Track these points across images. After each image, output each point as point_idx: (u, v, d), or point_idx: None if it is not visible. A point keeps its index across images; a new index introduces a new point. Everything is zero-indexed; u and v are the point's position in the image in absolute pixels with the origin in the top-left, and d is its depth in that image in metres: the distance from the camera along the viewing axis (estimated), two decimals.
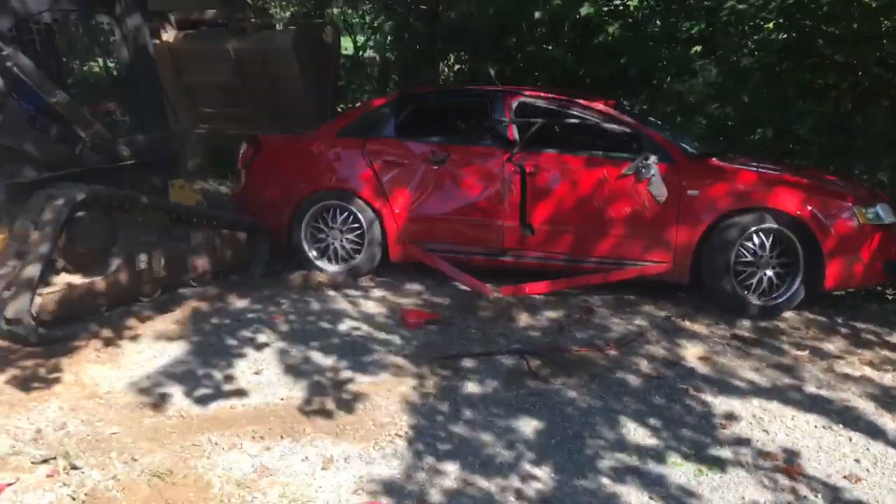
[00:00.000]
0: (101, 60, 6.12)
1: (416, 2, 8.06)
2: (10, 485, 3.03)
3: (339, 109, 9.05)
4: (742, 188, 5.26)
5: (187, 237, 5.54)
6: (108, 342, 4.57)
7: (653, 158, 5.34)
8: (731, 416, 3.94)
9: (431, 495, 3.15)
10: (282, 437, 3.59)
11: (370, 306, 5.40)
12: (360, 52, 11.49)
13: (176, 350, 4.53)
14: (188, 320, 5.00)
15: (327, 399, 3.98)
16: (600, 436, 3.71)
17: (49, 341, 4.43)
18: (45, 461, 3.24)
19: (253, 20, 7.17)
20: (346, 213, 5.99)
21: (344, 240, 6.02)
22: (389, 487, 3.19)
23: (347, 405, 3.92)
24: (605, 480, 3.33)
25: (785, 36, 7.03)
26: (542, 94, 5.89)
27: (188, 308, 5.22)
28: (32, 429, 3.54)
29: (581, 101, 5.75)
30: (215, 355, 4.46)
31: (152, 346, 4.57)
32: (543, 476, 3.35)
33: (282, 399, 3.97)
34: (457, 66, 8.72)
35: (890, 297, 6.28)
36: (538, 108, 5.79)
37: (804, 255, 5.18)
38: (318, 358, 4.48)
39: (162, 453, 3.36)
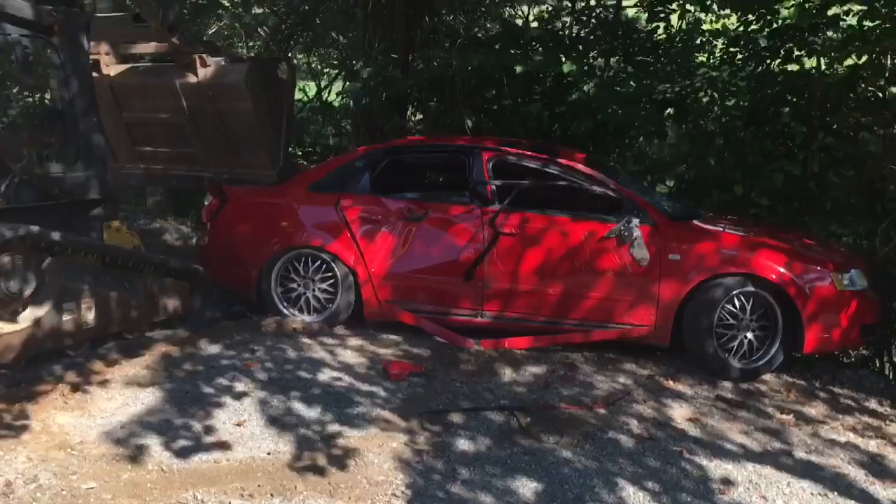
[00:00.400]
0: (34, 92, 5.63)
1: (387, 50, 8.03)
2: None
3: (292, 150, 8.93)
4: (725, 252, 5.30)
5: (123, 284, 5.09)
6: (76, 387, 4.29)
7: (635, 222, 5.34)
8: (727, 481, 3.89)
9: None
10: (272, 495, 3.39)
11: (349, 356, 5.22)
12: (323, 97, 11.45)
13: (149, 397, 4.27)
14: (159, 365, 4.76)
15: (318, 454, 3.79)
16: (601, 499, 3.62)
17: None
18: None
19: (203, 55, 6.74)
20: (318, 262, 5.82)
21: (316, 289, 5.83)
22: None
23: (339, 461, 3.74)
24: None
25: (746, 104, 7.23)
26: (521, 152, 5.83)
27: (157, 352, 4.97)
28: (0, 481, 3.26)
29: (561, 161, 5.74)
30: (192, 404, 4.22)
31: (123, 393, 4.31)
32: None
33: (268, 453, 3.77)
34: (421, 115, 8.72)
35: (855, 361, 6.40)
36: (517, 166, 5.76)
37: (783, 319, 5.23)
38: (302, 409, 4.29)
39: None
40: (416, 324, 5.65)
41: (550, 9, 10.48)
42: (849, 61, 6.97)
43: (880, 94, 6.88)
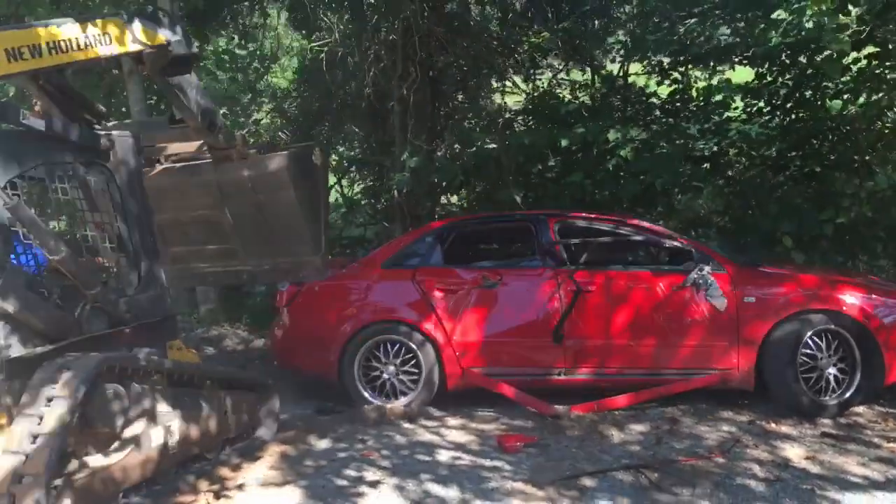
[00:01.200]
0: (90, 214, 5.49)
1: (426, 139, 8.38)
2: None
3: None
4: (801, 291, 5.55)
5: (199, 403, 4.92)
6: (217, 494, 4.36)
7: (707, 269, 5.61)
8: None
9: None
10: None
11: (455, 435, 5.33)
12: (345, 190, 11.76)
13: (291, 495, 4.35)
14: (282, 465, 4.82)
15: None
16: None
17: None
18: None
19: (238, 148, 6.69)
20: (397, 346, 5.96)
21: (400, 373, 5.97)
22: None
23: None
24: None
25: (774, 153, 7.63)
26: (583, 215, 6.17)
27: (274, 452, 5.04)
28: None
29: (625, 219, 6.05)
30: (335, 497, 4.30)
31: (264, 495, 4.38)
32: None
33: None
34: (459, 197, 9.05)
35: None
36: (582, 228, 6.05)
37: (861, 352, 5.45)
38: (439, 490, 4.38)
39: None
40: (501, 391, 5.78)
41: (546, 82, 10.94)
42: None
43: None
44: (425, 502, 4.25)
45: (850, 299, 5.47)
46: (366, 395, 5.94)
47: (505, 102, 10.87)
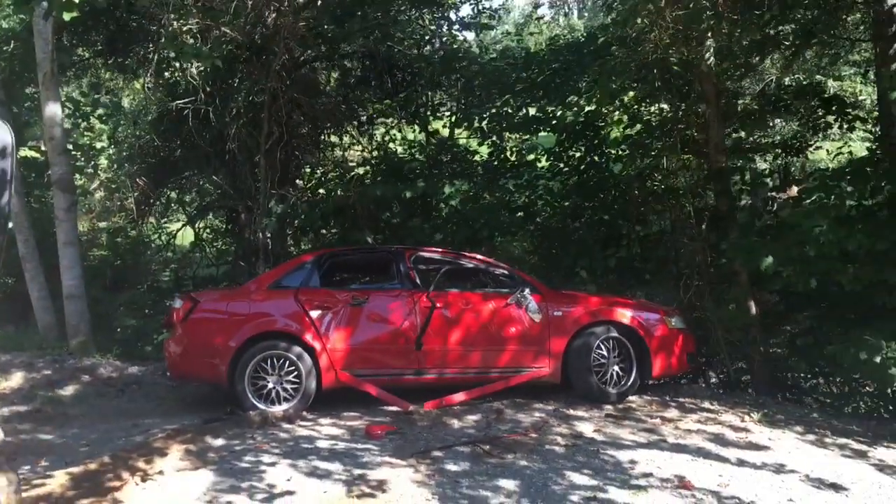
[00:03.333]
0: None
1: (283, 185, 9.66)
2: None
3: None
4: (592, 308, 7.34)
5: None
6: (143, 478, 5.35)
7: (527, 290, 7.29)
8: (633, 461, 5.72)
9: None
10: None
11: (329, 430, 6.56)
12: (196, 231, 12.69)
13: (206, 476, 5.40)
14: (189, 457, 5.85)
15: (361, 487, 5.15)
16: (559, 483, 5.29)
17: None
18: None
19: None
20: (281, 360, 7.12)
21: (283, 382, 7.12)
22: None
23: (378, 487, 5.13)
24: None
25: (568, 204, 9.60)
26: (432, 250, 7.73)
27: (178, 450, 6.01)
28: None
29: (464, 253, 7.66)
30: (243, 474, 5.40)
31: (182, 477, 5.40)
32: None
33: (325, 492, 5.10)
34: (310, 239, 10.36)
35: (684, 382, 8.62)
36: (431, 260, 7.59)
37: (635, 354, 7.29)
38: (325, 465, 5.61)
39: None
40: (366, 389, 7.10)
41: (380, 136, 12.51)
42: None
43: (664, 186, 9.41)
44: (316, 473, 5.47)
45: (624, 314, 7.31)
46: (254, 401, 7.03)
47: (345, 154, 12.32)
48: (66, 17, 6.21)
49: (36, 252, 10.37)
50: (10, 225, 9.98)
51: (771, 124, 11.67)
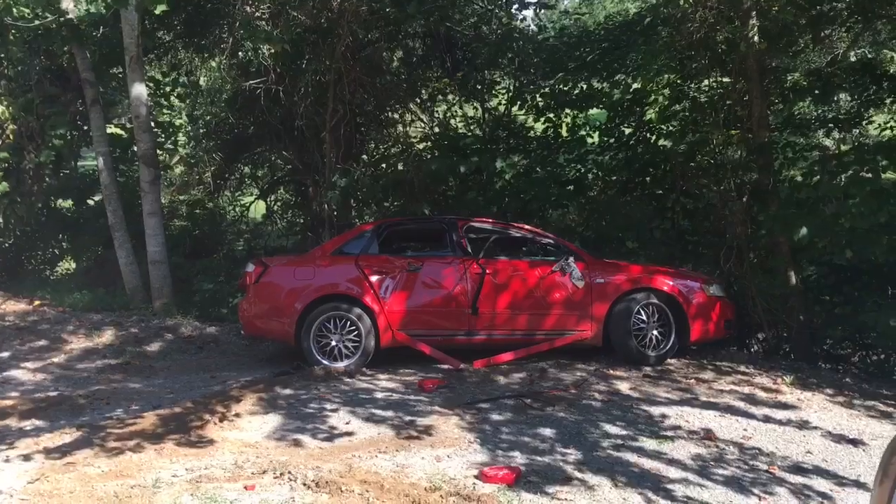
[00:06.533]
0: None
1: (347, 160, 10.31)
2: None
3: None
4: (633, 275, 7.77)
5: None
6: (221, 419, 6.06)
7: (571, 259, 7.76)
8: (664, 416, 6.18)
9: (517, 464, 5.09)
10: (397, 451, 5.33)
11: (385, 384, 7.20)
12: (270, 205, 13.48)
13: (275, 418, 6.11)
14: (261, 403, 6.55)
15: (409, 430, 5.76)
16: (592, 432, 5.79)
17: None
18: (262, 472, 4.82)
19: None
20: (343, 320, 7.77)
21: (345, 340, 7.78)
22: (487, 465, 5.05)
23: (425, 432, 5.73)
24: (610, 451, 5.40)
25: (623, 178, 9.98)
26: (483, 220, 8.24)
27: (251, 397, 6.73)
28: (230, 461, 5.07)
29: (514, 224, 8.15)
30: (307, 418, 6.09)
31: (255, 419, 6.11)
32: (572, 453, 5.36)
33: (378, 433, 5.72)
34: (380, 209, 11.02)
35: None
36: (481, 229, 8.11)
37: (674, 320, 7.69)
38: (380, 412, 6.24)
39: (332, 464, 5.02)
40: (420, 348, 7.72)
41: (442, 113, 13.03)
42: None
43: (712, 162, 9.69)
44: (372, 419, 6.10)
45: (664, 282, 7.72)
46: (318, 357, 7.71)
47: (407, 131, 12.89)
48: (158, 9, 6.91)
49: (123, 222, 11.27)
50: (100, 197, 11.14)
51: (834, 99, 11.65)
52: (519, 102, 10.94)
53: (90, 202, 13.68)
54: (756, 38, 7.97)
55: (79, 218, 13.55)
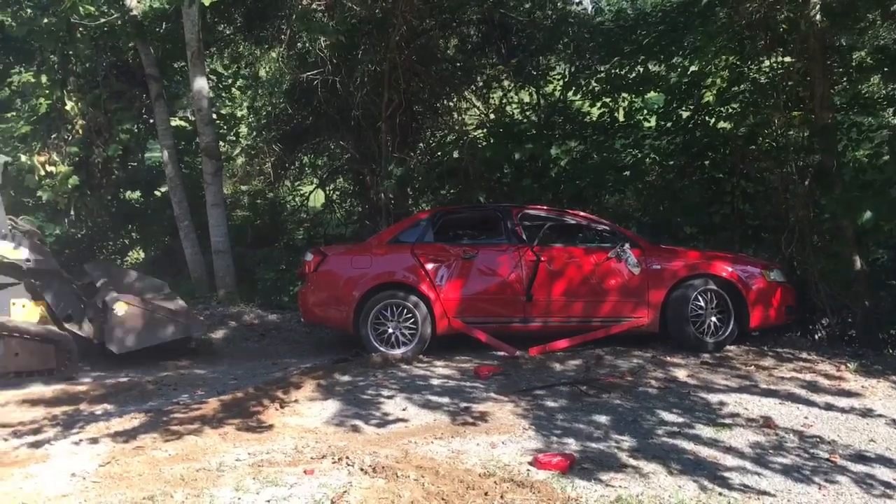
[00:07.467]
0: None
1: (402, 149, 10.41)
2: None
3: None
4: (690, 261, 7.68)
5: None
6: (281, 405, 6.23)
7: (627, 245, 7.71)
8: (722, 403, 6.11)
9: (571, 450, 5.11)
10: (452, 437, 5.41)
11: (442, 370, 7.29)
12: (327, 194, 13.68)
13: (333, 404, 6.25)
14: (319, 389, 6.70)
15: (464, 417, 5.83)
16: (648, 419, 5.77)
17: None
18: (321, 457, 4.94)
19: None
20: (400, 308, 7.87)
21: (401, 328, 7.88)
22: (541, 451, 5.08)
23: (480, 419, 5.79)
24: (665, 439, 5.37)
25: (682, 163, 9.83)
26: (538, 207, 8.23)
27: (311, 384, 6.88)
28: (290, 446, 5.21)
29: (568, 210, 8.12)
30: (364, 404, 6.21)
31: (313, 405, 6.26)
32: (627, 440, 5.35)
33: (434, 420, 5.80)
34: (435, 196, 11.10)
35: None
36: (536, 217, 8.10)
37: (733, 306, 7.58)
38: (436, 398, 6.33)
39: (389, 450, 5.12)
40: (476, 335, 7.76)
41: (498, 100, 13.00)
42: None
43: (774, 144, 9.48)
44: (427, 405, 6.19)
45: (722, 268, 7.61)
46: (375, 344, 7.83)
47: (463, 118, 12.91)
48: (206, 1, 7.18)
49: (188, 213, 11.61)
50: (165, 188, 11.54)
51: None
52: (574, 87, 10.88)
53: (157, 193, 14.12)
54: (818, 16, 7.75)
55: (146, 209, 14.00)
